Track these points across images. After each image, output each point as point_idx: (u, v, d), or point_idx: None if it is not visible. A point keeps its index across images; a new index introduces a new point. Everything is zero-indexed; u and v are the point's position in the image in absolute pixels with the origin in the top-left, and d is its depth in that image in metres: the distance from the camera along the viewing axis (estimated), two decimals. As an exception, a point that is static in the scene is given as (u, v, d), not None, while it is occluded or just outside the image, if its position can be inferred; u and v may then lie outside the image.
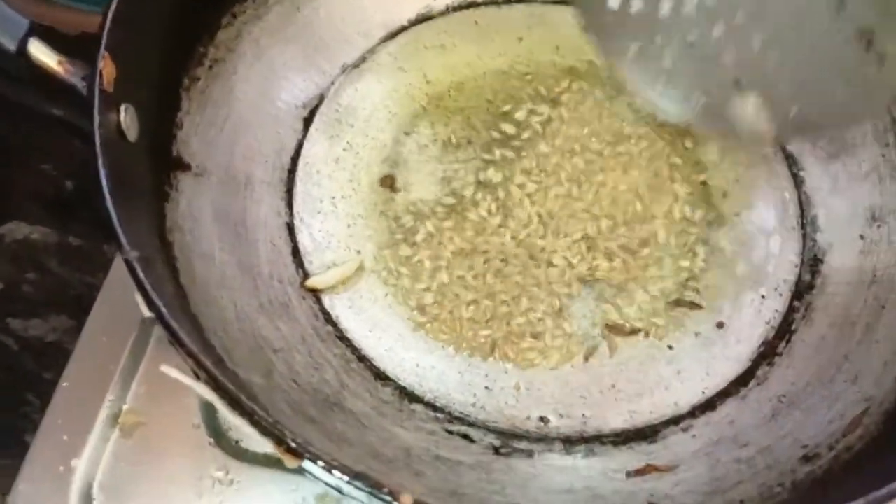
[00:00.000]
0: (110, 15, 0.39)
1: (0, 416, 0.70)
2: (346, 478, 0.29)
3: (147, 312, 0.33)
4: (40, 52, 0.38)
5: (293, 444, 0.29)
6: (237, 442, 0.47)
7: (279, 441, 0.30)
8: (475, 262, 0.48)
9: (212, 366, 0.31)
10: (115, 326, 0.49)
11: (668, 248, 0.49)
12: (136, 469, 0.46)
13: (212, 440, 0.47)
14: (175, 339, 0.32)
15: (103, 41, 0.38)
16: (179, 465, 0.46)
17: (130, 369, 0.48)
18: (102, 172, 0.34)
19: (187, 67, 0.46)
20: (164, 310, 0.32)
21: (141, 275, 0.32)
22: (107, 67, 0.38)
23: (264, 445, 0.46)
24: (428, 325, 0.46)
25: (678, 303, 0.47)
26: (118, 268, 0.52)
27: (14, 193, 0.75)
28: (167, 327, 0.31)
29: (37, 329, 0.73)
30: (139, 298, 0.32)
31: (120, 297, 0.50)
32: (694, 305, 0.47)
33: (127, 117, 0.39)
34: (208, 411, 0.47)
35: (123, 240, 0.33)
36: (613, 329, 0.46)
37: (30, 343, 0.73)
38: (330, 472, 0.29)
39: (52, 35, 0.40)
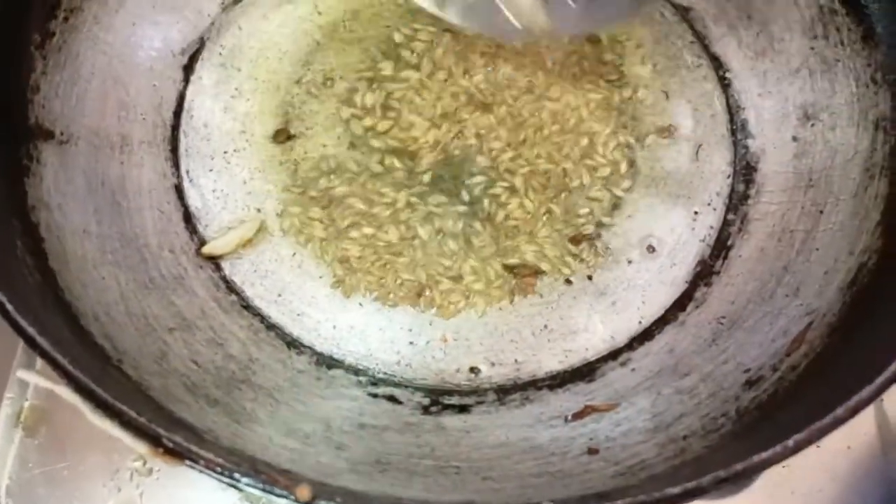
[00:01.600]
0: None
1: None
2: (237, 477, 0.26)
3: (-7, 311, 0.28)
4: None
5: (171, 444, 0.26)
6: (149, 431, 0.43)
7: (155, 441, 0.26)
8: (385, 207, 0.44)
9: (73, 364, 0.27)
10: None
11: (584, 176, 0.45)
12: (45, 469, 0.43)
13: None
14: (24, 337, 0.27)
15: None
16: (92, 460, 0.43)
17: (28, 363, 0.44)
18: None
19: (36, 21, 0.41)
20: (8, 306, 0.27)
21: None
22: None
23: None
24: (348, 278, 0.43)
25: (577, 239, 0.44)
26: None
27: None
28: (14, 325, 0.27)
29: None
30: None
31: None
32: (587, 238, 0.44)
33: (-39, 86, 0.34)
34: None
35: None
36: (515, 271, 0.43)
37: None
38: (214, 470, 0.26)
39: None
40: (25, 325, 0.27)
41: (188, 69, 0.47)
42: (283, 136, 0.46)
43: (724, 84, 0.48)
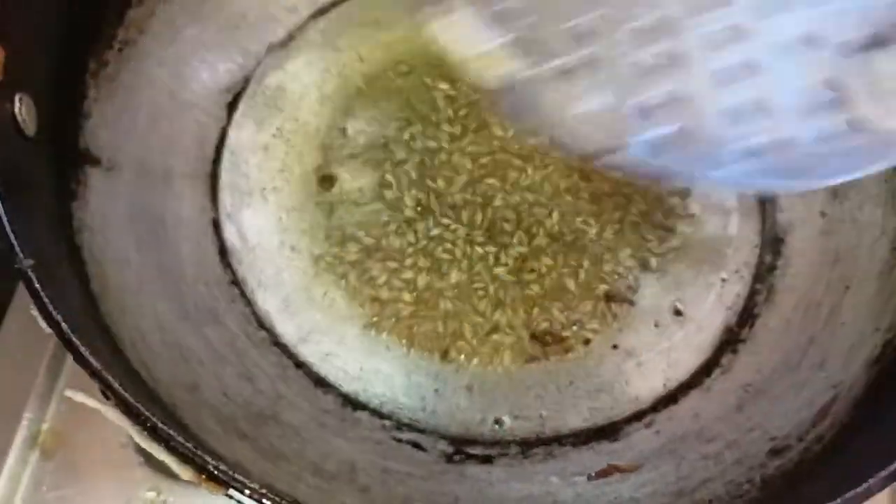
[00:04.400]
0: (-4, -8, 0.34)
1: None
2: (280, 508, 0.26)
3: (46, 328, 0.29)
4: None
5: (216, 472, 0.26)
6: (166, 460, 0.43)
7: (201, 469, 0.26)
8: (418, 255, 0.45)
9: (120, 386, 0.27)
10: (29, 339, 0.45)
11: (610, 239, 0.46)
12: (59, 493, 0.42)
13: (141, 459, 0.43)
14: (78, 357, 0.28)
15: (-14, 20, 0.33)
16: (107, 488, 0.42)
17: (48, 385, 0.44)
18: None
19: (93, 50, 0.42)
20: (64, 325, 0.28)
21: (37, 285, 0.28)
22: (-7, 51, 0.33)
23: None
24: (379, 321, 0.43)
25: (606, 300, 0.44)
26: (29, 275, 0.47)
27: None
28: (68, 344, 0.28)
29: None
30: (36, 312, 0.28)
31: (32, 310, 0.46)
32: (616, 300, 0.44)
33: (23, 108, 0.35)
34: (135, 428, 0.43)
35: (17, 247, 0.29)
36: (539, 339, 0.43)
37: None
38: (261, 501, 0.26)
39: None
40: (79, 344, 0.27)
41: (232, 107, 0.48)
42: (320, 177, 0.47)
43: (754, 157, 0.49)
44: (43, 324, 0.29)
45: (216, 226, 0.44)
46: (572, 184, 0.47)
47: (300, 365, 0.41)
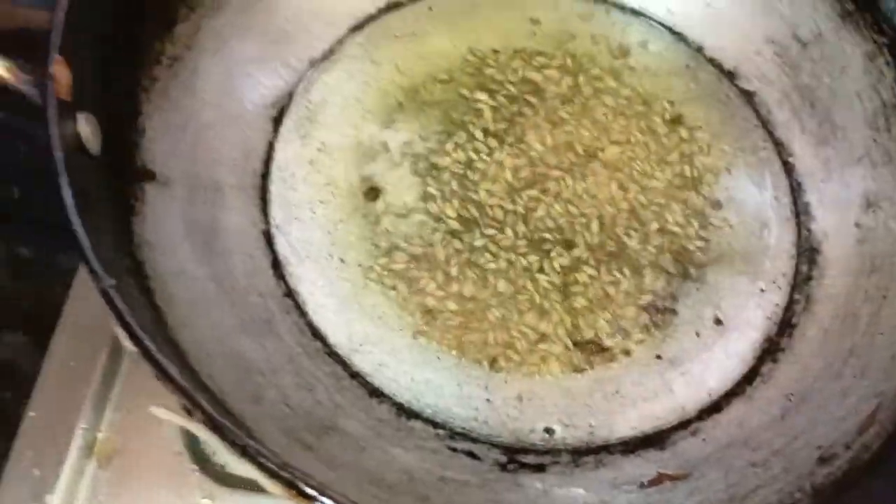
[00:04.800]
0: (60, 11, 0.35)
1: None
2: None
3: (131, 347, 0.29)
4: (-13, 57, 0.34)
5: (309, 490, 0.26)
6: (222, 467, 0.44)
7: (290, 485, 0.27)
8: (467, 265, 0.45)
9: (207, 403, 0.28)
10: (83, 348, 0.46)
11: (650, 250, 0.47)
12: (115, 501, 0.43)
13: (195, 466, 0.43)
14: (164, 376, 0.28)
15: (55, 42, 0.34)
16: (162, 495, 0.43)
17: (102, 394, 0.45)
18: (68, 194, 0.31)
19: (145, 67, 0.42)
20: (149, 344, 0.28)
21: (120, 306, 0.29)
22: (61, 73, 0.34)
23: (252, 469, 0.43)
24: (428, 331, 0.44)
25: (649, 310, 0.45)
26: (80, 284, 0.48)
27: (-47, 202, 0.70)
28: (155, 363, 0.28)
29: (-11, 347, 0.68)
30: (120, 332, 0.29)
31: (85, 317, 0.47)
32: (659, 310, 0.45)
33: (88, 128, 0.36)
34: (190, 436, 0.44)
35: (99, 269, 0.29)
36: (584, 349, 0.44)
37: (-18, 362, 0.68)
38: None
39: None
40: (165, 363, 0.28)
41: (277, 121, 0.48)
42: (365, 190, 0.47)
43: (788, 167, 0.50)
44: (127, 343, 0.29)
45: (268, 238, 0.45)
46: (611, 195, 0.48)
47: (354, 375, 0.42)
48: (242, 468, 0.43)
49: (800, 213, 0.49)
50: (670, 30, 0.54)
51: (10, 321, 0.67)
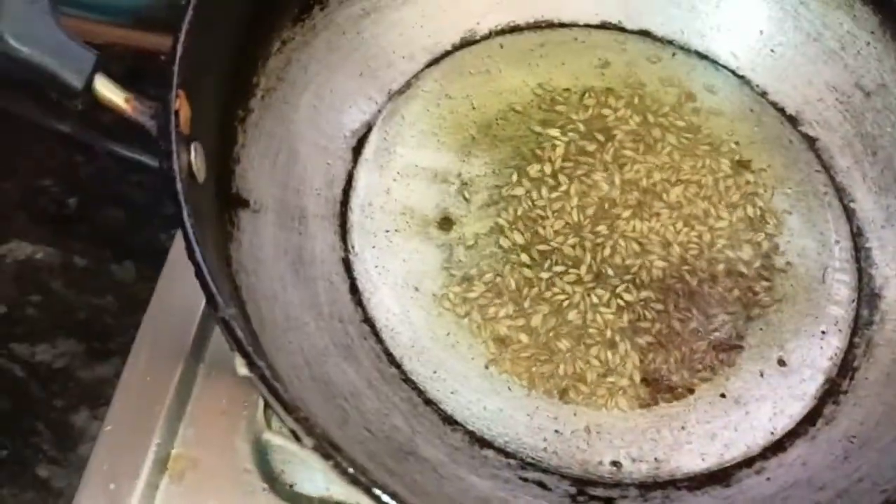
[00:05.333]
0: (180, 47, 0.37)
1: (7, 448, 0.67)
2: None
3: (246, 372, 0.31)
4: (107, 88, 0.36)
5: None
6: (291, 486, 0.45)
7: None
8: (537, 298, 0.47)
9: (322, 431, 0.29)
10: (157, 365, 0.47)
11: (717, 289, 0.48)
12: (190, 517, 0.44)
13: (265, 485, 0.45)
14: (279, 402, 0.30)
15: (175, 76, 0.36)
16: (236, 510, 0.44)
17: (176, 410, 0.46)
18: (189, 224, 0.32)
19: (242, 99, 0.44)
20: (266, 371, 0.30)
21: (239, 334, 0.31)
22: (182, 107, 0.36)
23: (320, 489, 0.45)
24: (500, 361, 0.45)
25: (717, 345, 0.47)
26: (158, 302, 0.50)
27: (12, 211, 0.72)
28: (273, 391, 0.30)
29: (43, 354, 0.70)
30: (238, 360, 0.31)
31: (161, 334, 0.48)
32: (725, 349, 0.47)
33: (197, 157, 0.37)
34: (260, 454, 0.46)
35: (219, 299, 0.31)
36: (651, 384, 0.46)
37: (36, 369, 0.70)
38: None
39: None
40: (280, 389, 0.30)
41: (357, 151, 0.50)
42: (439, 220, 0.49)
43: (849, 213, 0.51)
44: (243, 370, 0.31)
45: (347, 264, 0.47)
46: (677, 234, 0.50)
47: (429, 402, 0.44)
48: (310, 487, 0.45)
49: (860, 258, 0.50)
50: (734, 73, 0.56)
51: (64, 329, 0.69)
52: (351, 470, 0.29)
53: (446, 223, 0.49)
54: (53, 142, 0.67)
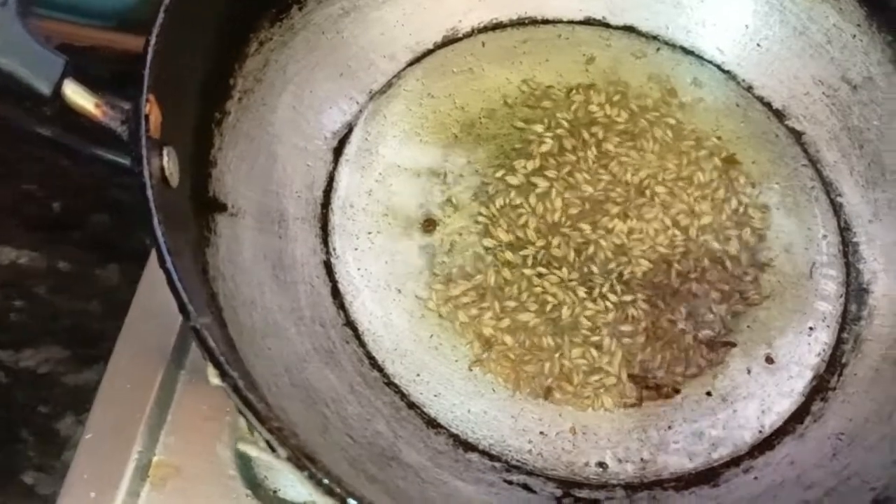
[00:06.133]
0: (151, 50, 0.36)
1: (-8, 454, 0.66)
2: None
3: (218, 382, 0.30)
4: (76, 94, 0.36)
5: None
6: (275, 492, 0.45)
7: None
8: (521, 297, 0.46)
9: (296, 442, 0.29)
10: (138, 371, 0.47)
11: (703, 287, 0.48)
12: (170, 524, 0.44)
13: (248, 491, 0.44)
14: (252, 412, 0.29)
15: (146, 81, 0.35)
16: (216, 518, 0.44)
17: (157, 417, 0.46)
18: (159, 231, 0.32)
19: (219, 101, 0.44)
20: (239, 382, 0.30)
21: (211, 343, 0.30)
22: (152, 111, 0.35)
23: (303, 494, 0.44)
24: (484, 362, 0.45)
25: (704, 343, 0.46)
26: (137, 307, 0.49)
27: (-4, 216, 0.72)
28: (246, 402, 0.29)
29: (28, 360, 0.70)
30: (210, 370, 0.30)
31: (141, 340, 0.48)
32: (713, 347, 0.46)
33: (170, 162, 0.37)
34: (243, 460, 0.45)
35: (190, 307, 0.30)
36: (637, 383, 0.45)
37: (21, 375, 0.69)
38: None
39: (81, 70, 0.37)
40: (254, 400, 0.29)
41: (338, 152, 0.50)
42: (422, 220, 0.49)
43: (836, 207, 0.51)
44: (215, 380, 0.30)
45: (328, 267, 0.46)
46: (662, 230, 0.49)
47: (412, 405, 0.43)
48: (293, 493, 0.45)
49: (848, 253, 0.49)
50: (720, 68, 0.55)
51: (49, 335, 0.68)
52: (326, 481, 0.28)
53: (429, 224, 0.49)
54: (37, 146, 0.66)
